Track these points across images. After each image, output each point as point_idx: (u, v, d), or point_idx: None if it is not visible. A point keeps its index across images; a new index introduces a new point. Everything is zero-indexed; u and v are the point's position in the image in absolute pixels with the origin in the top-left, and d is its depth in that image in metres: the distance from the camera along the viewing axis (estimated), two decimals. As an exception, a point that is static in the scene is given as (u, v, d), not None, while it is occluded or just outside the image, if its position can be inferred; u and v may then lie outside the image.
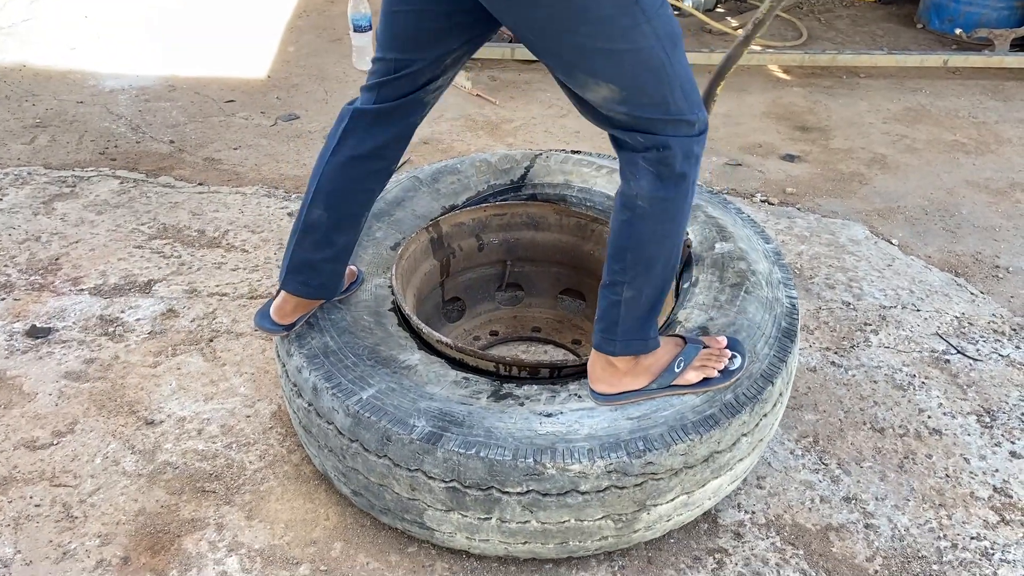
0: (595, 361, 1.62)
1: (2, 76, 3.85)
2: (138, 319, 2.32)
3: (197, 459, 1.91)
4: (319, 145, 3.34)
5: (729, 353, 1.67)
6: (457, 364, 1.77)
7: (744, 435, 1.68)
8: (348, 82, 3.99)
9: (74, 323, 2.30)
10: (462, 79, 4.05)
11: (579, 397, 1.66)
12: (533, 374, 1.77)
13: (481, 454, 1.54)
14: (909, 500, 1.93)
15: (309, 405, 1.71)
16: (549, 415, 1.62)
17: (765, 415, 1.72)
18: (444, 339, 1.77)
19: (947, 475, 2.00)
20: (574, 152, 2.42)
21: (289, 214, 2.90)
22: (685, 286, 1.93)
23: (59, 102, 3.63)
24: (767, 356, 1.75)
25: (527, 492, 1.56)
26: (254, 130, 3.47)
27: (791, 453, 2.04)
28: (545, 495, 1.56)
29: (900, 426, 2.14)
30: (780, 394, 1.77)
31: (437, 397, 1.64)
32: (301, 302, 1.74)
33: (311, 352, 1.74)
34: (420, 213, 2.21)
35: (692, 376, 1.63)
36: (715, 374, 1.63)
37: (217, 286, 2.48)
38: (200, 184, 3.06)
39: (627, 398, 1.61)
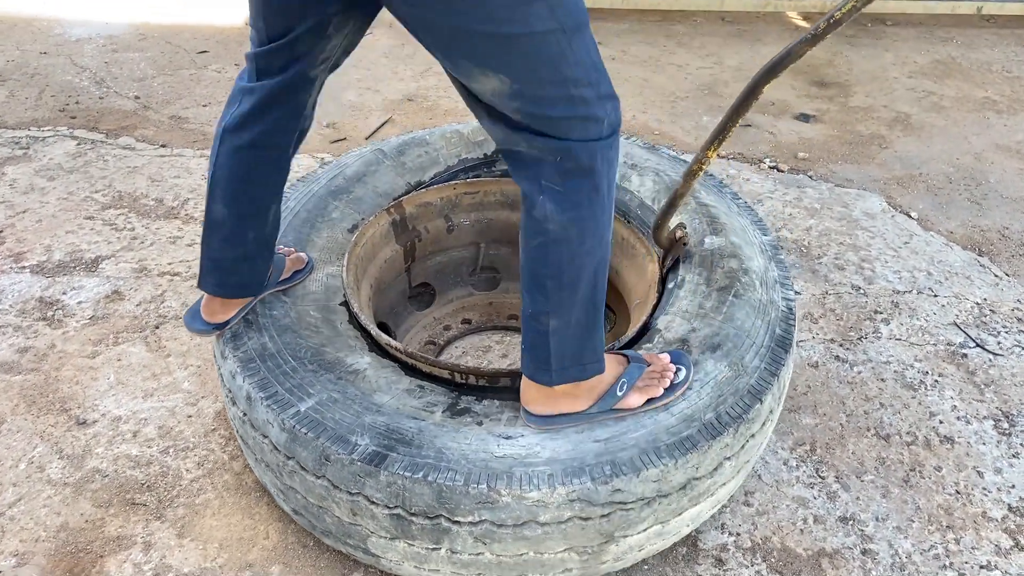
0: (528, 386, 1.42)
1: (-36, 23, 3.63)
2: (80, 302, 2.14)
3: (129, 466, 1.75)
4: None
5: (673, 369, 1.48)
6: (411, 369, 1.58)
7: (727, 459, 1.48)
8: (332, 30, 3.73)
9: (11, 306, 2.13)
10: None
11: None
12: (492, 383, 1.57)
13: (429, 478, 1.35)
14: (913, 521, 1.74)
15: (244, 415, 1.53)
16: (508, 437, 1.43)
17: (752, 436, 1.52)
18: (394, 343, 1.58)
19: (957, 491, 1.81)
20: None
21: (255, 181, 2.69)
22: (670, 286, 1.72)
23: (21, 53, 3.40)
24: (757, 369, 1.54)
25: (480, 522, 1.38)
26: (226, 84, 3.24)
27: (784, 464, 1.85)
28: (500, 526, 1.38)
29: (908, 432, 1.93)
30: (771, 412, 1.56)
31: (385, 409, 1.46)
32: (227, 301, 1.55)
33: (246, 355, 1.55)
34: (382, 190, 1.99)
35: (635, 400, 1.45)
36: (659, 392, 1.45)
37: (169, 264, 2.29)
38: (163, 146, 2.85)
39: (565, 421, 1.42)
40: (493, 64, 1.14)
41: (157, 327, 2.08)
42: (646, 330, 1.65)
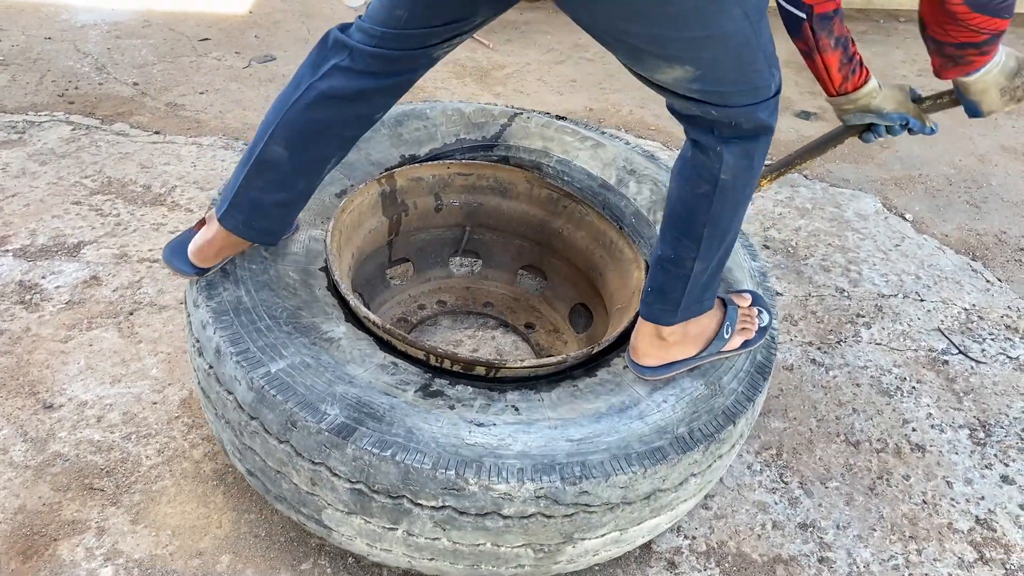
0: (643, 334, 1.51)
1: (-27, 8, 3.67)
2: (58, 286, 2.16)
3: (91, 451, 1.76)
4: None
5: (756, 310, 1.61)
6: (386, 345, 1.56)
7: (694, 475, 1.46)
8: (335, 20, 3.72)
9: (-10, 289, 2.16)
10: (456, 18, 3.76)
11: (516, 410, 1.45)
12: (467, 370, 1.55)
13: (397, 457, 1.33)
14: (875, 529, 1.71)
15: (210, 368, 1.49)
16: (480, 424, 1.41)
17: (720, 456, 1.50)
18: (372, 316, 1.54)
19: (924, 501, 1.77)
20: (558, 117, 2.16)
21: (244, 169, 2.70)
22: None
23: (27, 38, 3.44)
24: (734, 392, 1.52)
25: (443, 507, 1.36)
26: (225, 72, 3.25)
27: (748, 467, 1.82)
28: (463, 513, 1.36)
29: (879, 439, 1.90)
30: (741, 435, 1.54)
31: (358, 381, 1.43)
32: (231, 242, 1.52)
33: (220, 307, 1.50)
34: (376, 159, 1.97)
35: (736, 341, 1.56)
36: (752, 335, 1.57)
37: (150, 251, 2.31)
38: (156, 132, 2.87)
39: (675, 368, 1.51)
40: (681, 59, 1.20)
41: (131, 313, 2.10)
42: (625, 337, 1.63)
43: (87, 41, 3.45)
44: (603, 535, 1.44)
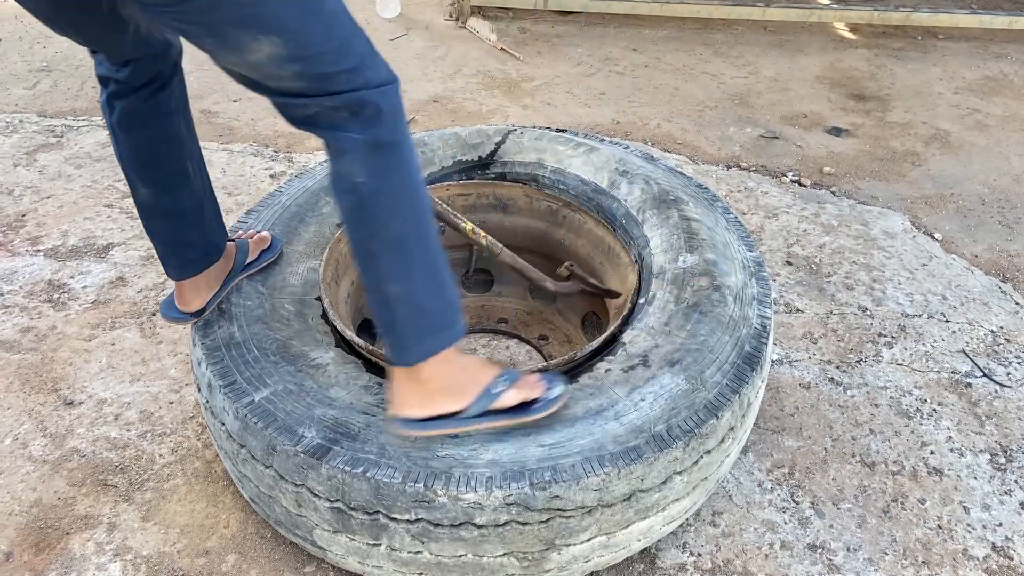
0: (397, 379, 1.37)
1: (20, 15, 3.78)
2: (85, 286, 2.22)
3: (107, 448, 1.80)
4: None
5: (545, 383, 1.44)
6: (374, 367, 1.60)
7: (677, 473, 1.45)
8: (368, 31, 3.77)
9: (20, 287, 2.22)
10: (487, 31, 3.79)
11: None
12: None
13: (368, 474, 1.37)
14: (887, 554, 1.68)
15: (206, 402, 1.58)
16: (454, 436, 1.43)
17: (708, 452, 1.49)
18: (357, 339, 1.59)
19: (939, 526, 1.73)
20: (558, 130, 2.17)
21: (271, 176, 2.74)
22: (641, 301, 1.70)
23: (70, 45, 3.53)
24: (717, 384, 1.51)
25: (416, 520, 1.38)
26: (258, 81, 3.31)
27: (759, 485, 1.80)
28: (436, 525, 1.38)
29: (895, 461, 1.86)
30: (731, 429, 1.53)
31: (338, 403, 1.48)
32: (193, 283, 1.59)
33: (213, 344, 1.59)
34: None
35: (511, 397, 1.40)
36: (537, 394, 1.42)
37: (176, 253, 2.35)
38: (188, 139, 2.93)
39: (440, 427, 1.38)
40: (261, 22, 1.10)
41: (154, 314, 2.14)
42: (613, 341, 1.63)
43: (127, 49, 3.54)
44: (588, 540, 1.44)
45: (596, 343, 1.62)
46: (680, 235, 1.78)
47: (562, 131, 2.18)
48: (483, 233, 1.86)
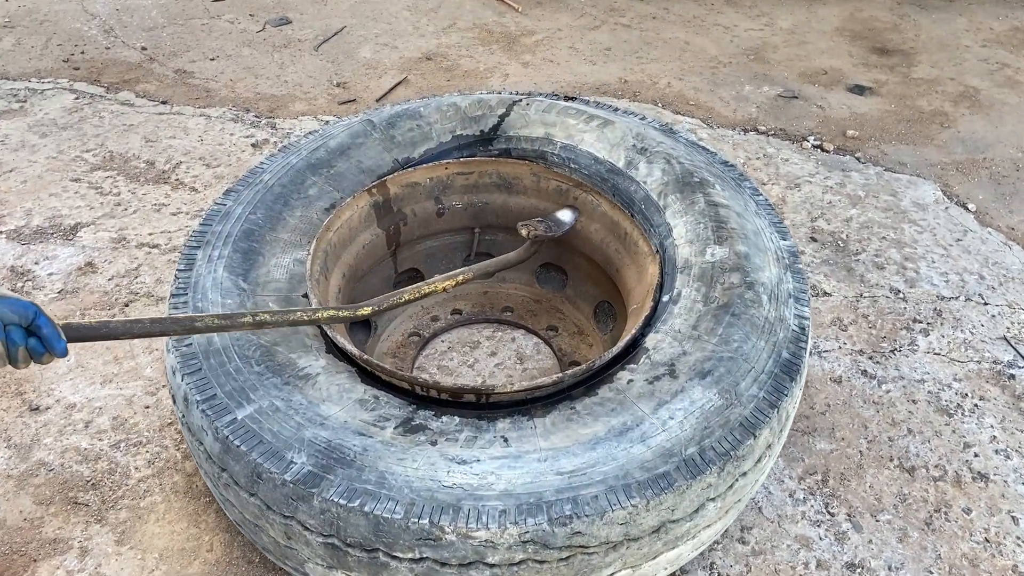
0: None
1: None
2: (51, 273, 2.03)
3: (77, 460, 1.64)
4: (307, 57, 2.94)
5: None
6: (369, 375, 1.43)
7: (711, 500, 1.30)
8: (356, -21, 3.52)
9: (-20, 275, 2.03)
10: (484, -21, 3.53)
11: (505, 441, 1.31)
12: (456, 399, 1.41)
13: (366, 508, 1.21)
14: (932, 572, 1.54)
15: (183, 417, 1.40)
16: (463, 462, 1.27)
17: (744, 474, 1.33)
18: (349, 347, 1.42)
19: (987, 539, 1.59)
20: (567, 98, 1.97)
21: (253, 144, 2.53)
22: (664, 299, 1.52)
23: (34, -3, 3.29)
24: (753, 399, 1.34)
25: (420, 559, 1.23)
26: (238, 36, 3.07)
27: (790, 496, 1.65)
28: (444, 564, 1.23)
29: (936, 466, 1.72)
30: (768, 447, 1.37)
31: (331, 423, 1.31)
32: None
33: (189, 350, 1.41)
34: (367, 166, 1.82)
35: None
36: None
37: (150, 234, 2.16)
38: (163, 103, 2.71)
39: None
40: None
41: (127, 304, 1.96)
42: (634, 346, 1.46)
43: (96, 1, 3.28)
44: (612, 574, 1.29)
45: (616, 349, 1.44)
46: (707, 223, 1.60)
47: (571, 99, 1.98)
48: (442, 286, 1.64)
